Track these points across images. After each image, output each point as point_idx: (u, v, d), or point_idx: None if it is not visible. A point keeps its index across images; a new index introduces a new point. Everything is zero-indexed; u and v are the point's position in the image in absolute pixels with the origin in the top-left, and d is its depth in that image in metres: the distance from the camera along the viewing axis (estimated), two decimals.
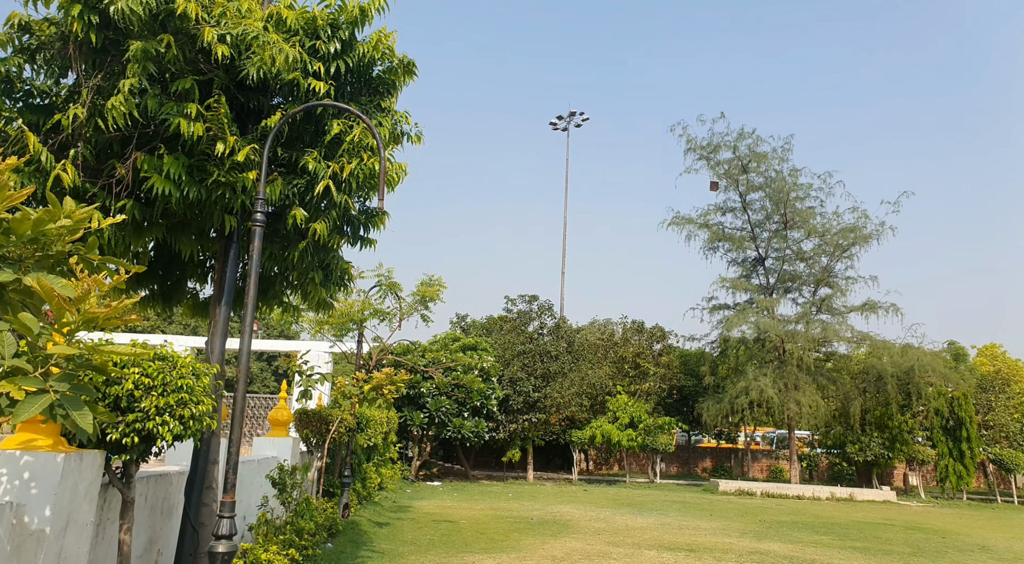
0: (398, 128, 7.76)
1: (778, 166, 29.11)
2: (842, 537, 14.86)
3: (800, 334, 27.51)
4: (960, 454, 27.66)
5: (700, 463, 35.94)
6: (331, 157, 7.14)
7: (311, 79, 6.80)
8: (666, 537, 13.42)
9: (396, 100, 7.85)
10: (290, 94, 7.16)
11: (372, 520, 13.56)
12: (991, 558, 13.10)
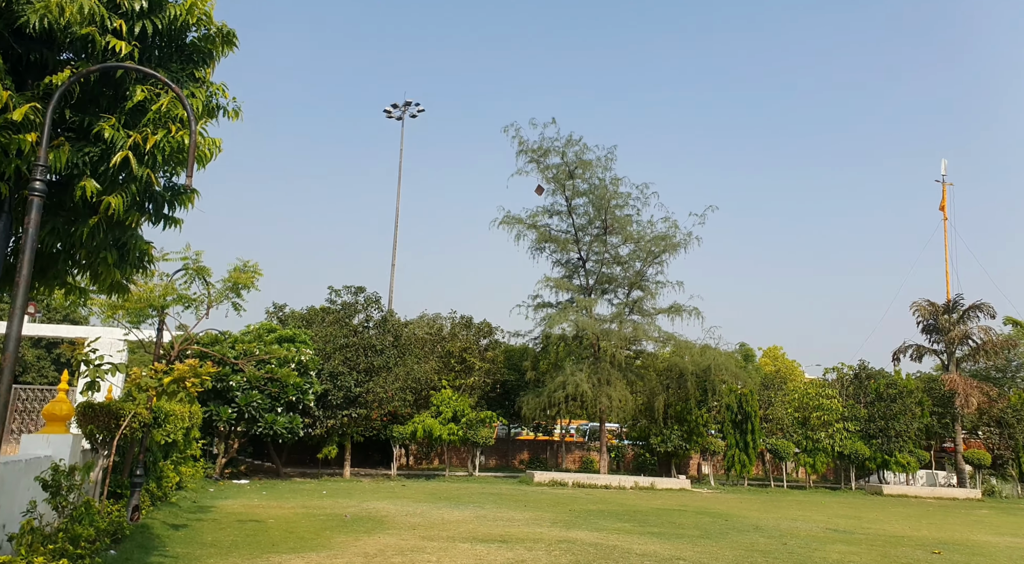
0: (213, 101, 7.25)
1: (601, 174, 31.07)
2: (642, 523, 16.22)
3: (614, 333, 29.60)
4: (745, 445, 31.31)
5: (518, 455, 37.36)
6: (133, 126, 6.50)
7: (110, 37, 6.15)
8: (481, 529, 13.82)
9: (213, 71, 7.34)
10: (84, 51, 6.42)
11: (167, 522, 12.57)
12: (762, 536, 14.97)
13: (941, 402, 36.38)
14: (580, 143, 31.01)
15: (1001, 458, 36.11)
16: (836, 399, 33.58)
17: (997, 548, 15.04)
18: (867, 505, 25.76)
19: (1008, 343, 38.19)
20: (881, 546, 14.25)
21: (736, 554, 12.19)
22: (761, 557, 12.01)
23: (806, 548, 13.34)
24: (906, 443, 33.03)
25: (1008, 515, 24.89)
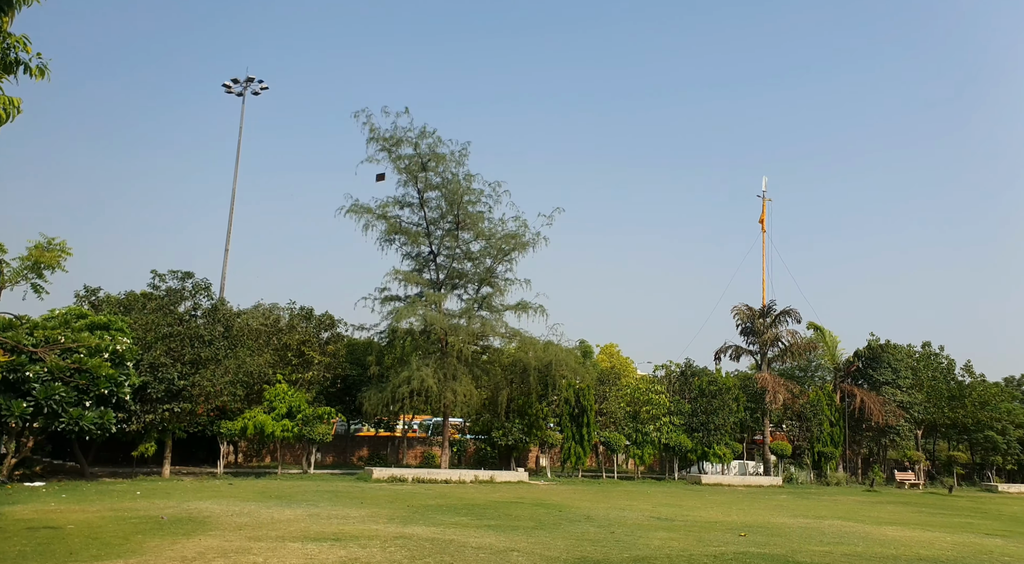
0: (11, 54, 6.37)
1: (455, 169, 31.16)
2: (479, 517, 16.43)
3: (462, 328, 29.81)
4: (581, 438, 32.80)
5: (357, 452, 36.55)
6: None
7: None
8: (313, 528, 13.32)
9: (11, 20, 6.44)
10: None
11: None
12: (593, 525, 15.72)
13: (754, 398, 40.32)
14: (434, 135, 30.91)
15: (799, 448, 40.67)
16: (664, 395, 36.13)
17: (792, 528, 16.88)
18: (687, 494, 27.93)
19: (810, 345, 43.09)
20: (697, 531, 15.47)
21: (568, 544, 12.69)
22: (590, 546, 12.59)
23: (631, 536, 14.18)
24: (723, 436, 36.22)
25: (802, 499, 28.08)
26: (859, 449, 45.76)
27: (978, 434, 46.13)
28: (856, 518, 20.46)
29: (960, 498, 33.93)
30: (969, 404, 46.35)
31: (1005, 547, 15.33)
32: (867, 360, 46.64)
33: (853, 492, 34.07)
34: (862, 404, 41.87)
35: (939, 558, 13.13)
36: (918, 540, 15.70)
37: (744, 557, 11.97)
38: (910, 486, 40.42)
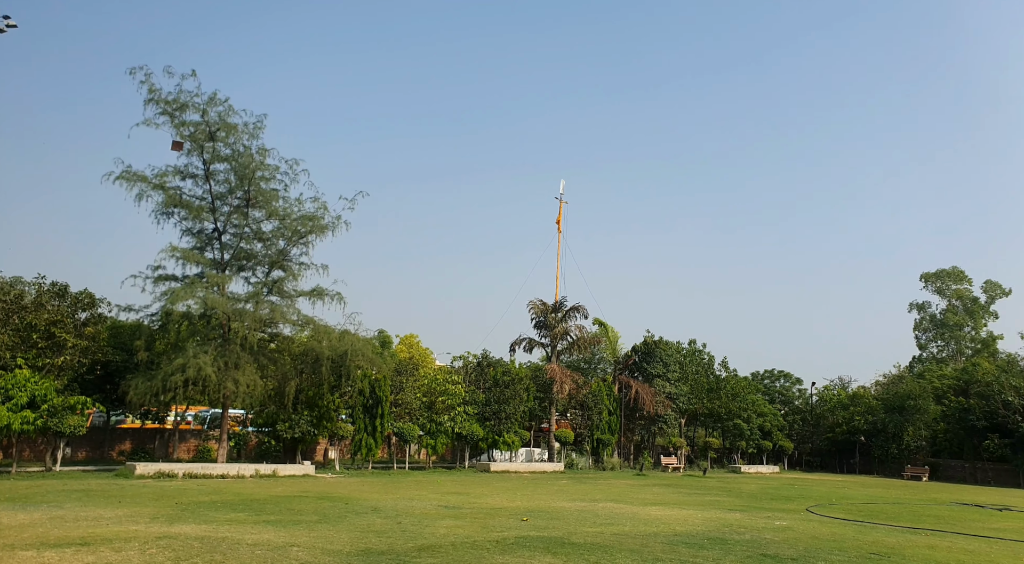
0: None
1: (248, 141, 29.05)
2: (258, 512, 15.54)
3: (248, 313, 27.94)
4: (373, 429, 32.37)
5: (118, 446, 32.92)
6: None
7: None
8: (54, 532, 11.71)
9: None
10: None
11: None
12: (380, 517, 15.57)
13: (543, 388, 42.57)
14: (225, 103, 28.57)
15: (581, 436, 43.70)
16: (460, 385, 36.87)
17: (570, 512, 18.08)
18: (476, 482, 28.76)
19: (595, 340, 46.42)
20: (482, 518, 15.97)
21: (352, 536, 12.44)
22: (376, 537, 12.46)
23: (418, 525, 14.26)
24: (513, 424, 37.80)
25: (581, 483, 30.19)
26: (632, 436, 50.30)
27: (729, 422, 52.84)
28: (626, 500, 22.42)
29: (712, 479, 38.61)
30: (724, 396, 52.95)
31: (742, 520, 17.71)
32: (643, 355, 51.37)
33: (625, 476, 37.33)
34: (637, 395, 46.02)
35: (691, 532, 14.80)
36: (675, 518, 17.59)
37: (524, 541, 12.56)
38: (673, 470, 45.21)
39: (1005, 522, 20.91)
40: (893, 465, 55.07)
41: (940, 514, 22.57)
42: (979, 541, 15.65)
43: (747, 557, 11.74)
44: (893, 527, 17.76)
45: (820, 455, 61.70)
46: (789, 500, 25.57)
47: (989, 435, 51.62)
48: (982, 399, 52.90)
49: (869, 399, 59.69)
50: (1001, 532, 17.86)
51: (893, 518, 20.25)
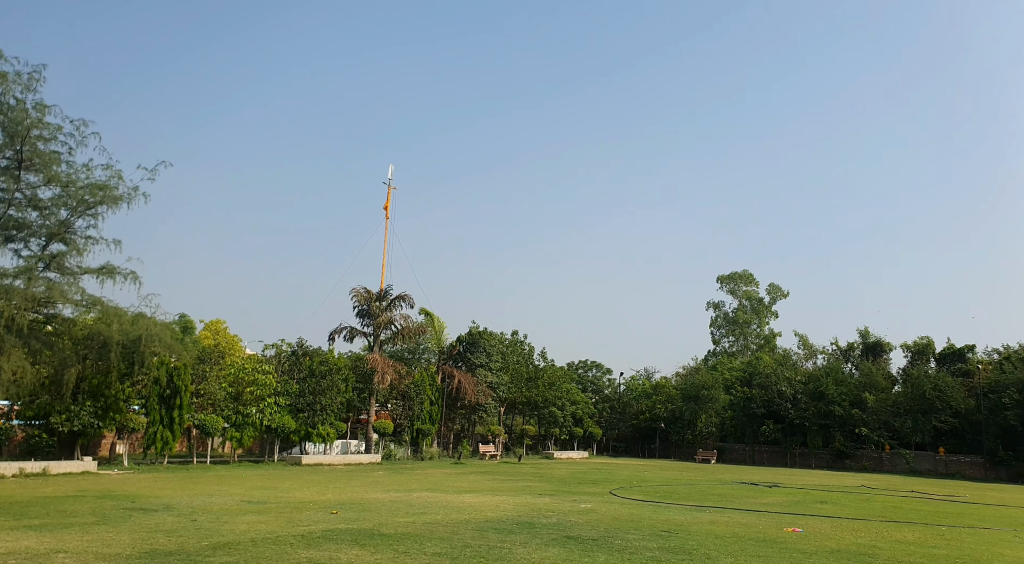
0: None
1: (21, 94, 25.33)
2: (17, 517, 13.66)
3: (18, 291, 24.47)
4: (171, 421, 29.81)
5: None
6: None
7: None
8: None
9: None
10: None
11: None
12: (172, 515, 14.33)
13: (364, 378, 41.68)
14: None
15: (401, 426, 43.42)
16: (272, 375, 35.02)
17: (383, 503, 17.83)
18: (285, 475, 27.50)
19: (420, 330, 46.29)
20: (289, 512, 15.26)
21: (136, 537, 11.32)
22: (165, 536, 11.43)
23: (216, 522, 13.30)
24: (329, 416, 36.64)
25: (397, 474, 29.97)
26: (453, 426, 50.87)
27: (545, 410, 55.17)
28: (441, 489, 22.57)
29: (526, 466, 40.08)
30: (541, 385, 55.17)
31: (550, 504, 18.52)
32: (467, 345, 52.08)
33: (444, 465, 37.65)
34: (459, 384, 46.58)
35: (501, 518, 15.19)
36: (488, 504, 17.98)
37: (332, 534, 12.16)
38: (490, 457, 46.35)
39: (773, 497, 23.74)
40: (688, 449, 60.66)
41: (723, 493, 25.13)
42: (752, 515, 17.59)
43: (552, 540, 12.23)
44: (683, 506, 19.47)
45: (626, 441, 66.44)
46: (595, 484, 27.17)
47: (766, 421, 58.50)
48: (762, 389, 59.79)
49: (670, 389, 65.19)
50: (769, 506, 20.24)
51: (684, 498, 22.22)
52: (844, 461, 55.02)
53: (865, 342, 66.53)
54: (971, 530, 16.56)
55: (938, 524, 17.48)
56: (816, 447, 56.78)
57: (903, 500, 25.21)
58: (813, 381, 59.08)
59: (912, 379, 56.32)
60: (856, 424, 54.90)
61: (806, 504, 21.55)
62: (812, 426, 56.62)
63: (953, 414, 52.78)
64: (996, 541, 14.72)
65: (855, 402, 55.88)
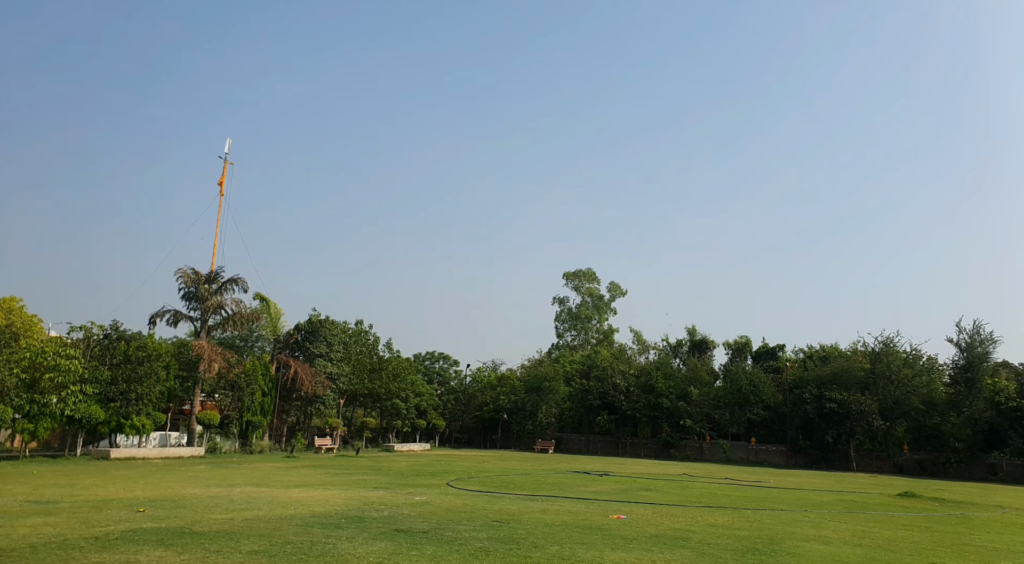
0: None
1: None
2: None
3: None
4: None
5: None
6: None
7: None
8: None
9: None
10: None
11: None
12: None
13: (188, 366, 38.74)
14: None
15: (229, 418, 40.87)
16: (78, 360, 31.59)
17: (200, 499, 16.58)
18: (89, 471, 24.92)
19: (254, 316, 43.79)
20: (85, 512, 13.76)
21: None
22: None
23: None
24: (146, 406, 33.69)
25: (221, 468, 28.13)
26: (287, 418, 48.72)
27: (388, 402, 54.35)
28: (268, 484, 21.44)
29: (364, 459, 39.22)
30: (385, 376, 54.25)
31: (384, 497, 18.16)
32: (307, 333, 50.06)
33: (274, 459, 35.91)
34: (296, 375, 44.63)
35: (329, 513, 14.64)
36: (317, 498, 17.30)
37: (134, 534, 11.09)
38: (326, 451, 44.89)
39: (603, 486, 24.89)
40: (528, 440, 62.34)
41: (557, 481, 25.99)
42: (582, 503, 18.28)
43: (381, 533, 11.93)
44: (518, 495, 19.86)
45: (469, 432, 67.11)
46: (434, 475, 27.08)
47: (601, 412, 61.47)
48: (599, 382, 62.71)
49: (514, 380, 66.64)
50: (599, 494, 21.17)
51: (519, 487, 22.69)
52: (670, 450, 59.05)
53: (692, 340, 71.75)
54: (771, 512, 18.26)
55: (744, 508, 19.11)
56: (645, 437, 60.49)
57: (718, 486, 27.38)
58: (645, 375, 62.84)
59: (731, 375, 61.56)
60: (682, 416, 59.06)
61: (632, 492, 22.77)
62: (643, 417, 60.23)
63: (764, 407, 58.30)
64: (790, 521, 16.31)
65: (681, 395, 60.09)
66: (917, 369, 55.21)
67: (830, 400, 53.31)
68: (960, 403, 52.26)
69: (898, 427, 53.72)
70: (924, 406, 53.03)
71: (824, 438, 53.67)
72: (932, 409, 52.84)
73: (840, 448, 53.88)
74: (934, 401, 53.29)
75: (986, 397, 51.22)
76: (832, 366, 57.61)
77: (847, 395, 53.09)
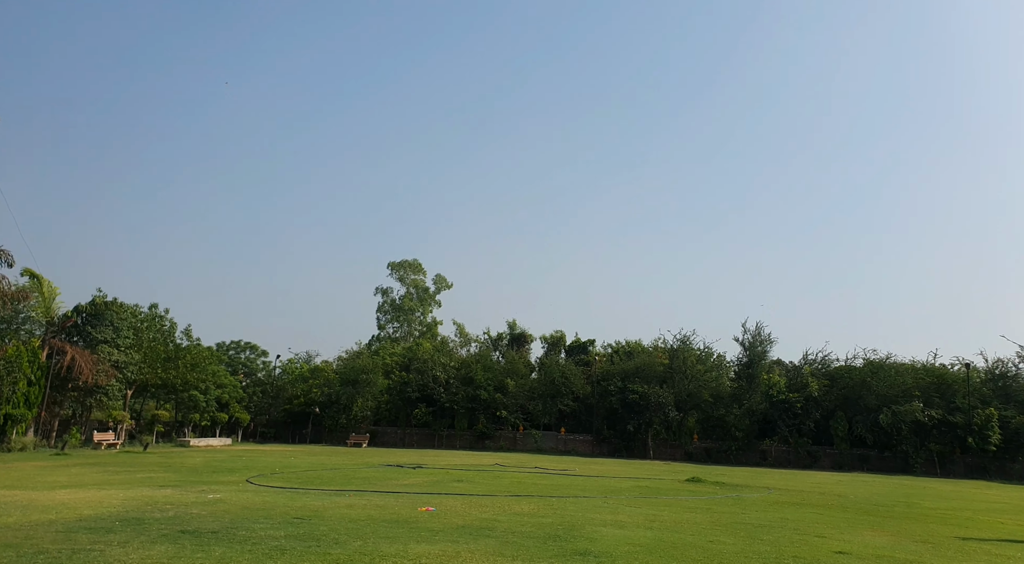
0: None
1: None
2: None
3: None
4: None
5: None
6: None
7: None
8: None
9: None
10: None
11: None
12: None
13: None
14: None
15: None
16: None
17: None
18: None
19: (21, 294, 38.49)
20: None
21: None
22: None
23: None
24: None
25: None
26: (60, 410, 43.43)
27: (184, 394, 50.32)
28: (27, 485, 18.87)
29: (153, 455, 35.92)
30: (182, 365, 50.16)
31: (172, 496, 16.65)
32: (89, 316, 44.95)
33: (40, 457, 31.81)
34: (73, 362, 39.88)
35: (101, 515, 13.12)
36: (88, 500, 15.46)
37: None
38: (108, 446, 40.59)
39: (415, 478, 24.75)
40: (342, 434, 60.71)
41: (368, 476, 25.43)
42: (391, 497, 17.98)
43: (163, 536, 10.87)
44: (324, 491, 19.12)
45: (277, 426, 64.01)
46: (233, 472, 25.38)
47: (419, 404, 61.43)
48: (419, 374, 62.61)
49: (329, 372, 64.56)
50: (410, 487, 20.99)
51: (327, 482, 21.89)
52: (485, 441, 60.34)
53: (512, 333, 73.90)
54: (574, 499, 19.14)
55: (551, 496, 19.87)
56: (462, 429, 61.31)
57: (527, 476, 28.30)
58: (465, 367, 63.68)
59: (545, 367, 64.17)
60: (498, 407, 60.58)
61: (444, 483, 22.83)
62: (460, 409, 60.98)
63: (574, 398, 61.42)
64: (591, 508, 17.18)
65: (499, 387, 61.62)
66: (708, 365, 60.97)
67: (632, 392, 57.27)
68: (742, 396, 58.45)
69: (690, 418, 58.95)
70: (712, 399, 58.67)
71: (626, 428, 57.59)
72: (719, 401, 58.60)
73: (640, 437, 58.10)
74: (721, 394, 59.14)
75: (762, 391, 57.71)
76: (636, 360, 61.95)
77: (648, 388, 57.37)
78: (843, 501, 23.14)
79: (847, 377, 57.29)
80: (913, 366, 57.31)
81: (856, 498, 24.80)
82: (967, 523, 18.27)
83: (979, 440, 50.20)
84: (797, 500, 22.64)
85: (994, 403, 52.29)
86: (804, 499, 23.17)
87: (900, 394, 54.00)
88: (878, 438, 53.42)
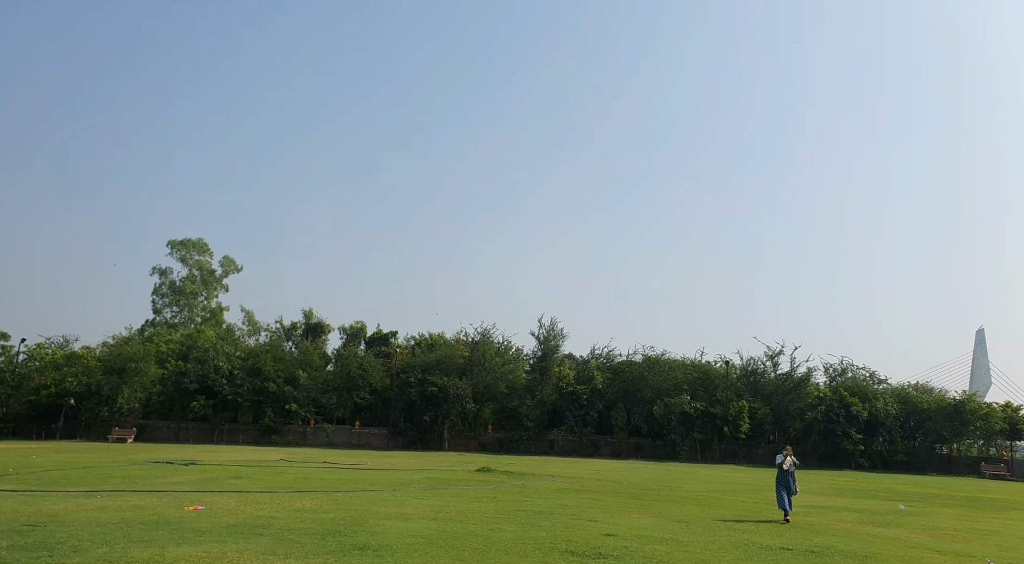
0: None
1: None
2: None
3: None
4: None
5: None
6: None
7: None
8: None
9: None
10: None
11: None
12: None
13: None
14: None
15: None
16: None
17: None
18: None
19: None
20: None
21: None
22: None
23: None
24: None
25: None
26: None
27: None
28: None
29: None
30: None
31: None
32: None
33: None
34: None
35: None
36: None
37: None
38: None
39: (187, 476, 22.85)
40: (103, 428, 54.63)
41: (130, 474, 23.04)
42: (155, 496, 16.40)
43: None
44: (70, 493, 16.99)
45: (17, 421, 56.01)
46: None
47: (198, 397, 57.02)
48: (199, 364, 58.10)
49: (89, 360, 57.79)
50: (179, 485, 19.32)
51: (75, 483, 19.48)
52: (272, 436, 57.44)
53: (308, 322, 71.08)
54: (361, 493, 18.77)
55: (336, 490, 19.31)
56: (246, 423, 57.88)
57: (314, 471, 27.31)
58: (253, 357, 60.18)
59: (343, 359, 62.52)
60: (288, 400, 57.94)
61: (219, 480, 21.33)
62: (245, 402, 57.52)
63: (371, 391, 60.50)
64: (378, 501, 16.94)
65: (290, 379, 58.97)
66: (506, 358, 63.06)
67: (432, 384, 57.64)
68: (535, 388, 61.19)
69: (486, 409, 60.59)
70: (508, 391, 60.78)
71: (423, 420, 57.84)
72: (514, 393, 60.85)
73: (436, 429, 58.66)
74: (516, 386, 61.45)
75: (553, 383, 60.86)
76: (437, 353, 62.44)
77: (447, 380, 58.04)
78: (617, 487, 25.01)
79: (628, 371, 62.19)
80: (683, 362, 63.59)
81: (628, 484, 26.93)
82: (717, 503, 20.55)
83: (733, 429, 56.99)
84: (577, 487, 24.08)
85: (746, 396, 59.64)
86: (583, 486, 24.70)
87: (672, 387, 59.70)
88: (652, 427, 58.59)
